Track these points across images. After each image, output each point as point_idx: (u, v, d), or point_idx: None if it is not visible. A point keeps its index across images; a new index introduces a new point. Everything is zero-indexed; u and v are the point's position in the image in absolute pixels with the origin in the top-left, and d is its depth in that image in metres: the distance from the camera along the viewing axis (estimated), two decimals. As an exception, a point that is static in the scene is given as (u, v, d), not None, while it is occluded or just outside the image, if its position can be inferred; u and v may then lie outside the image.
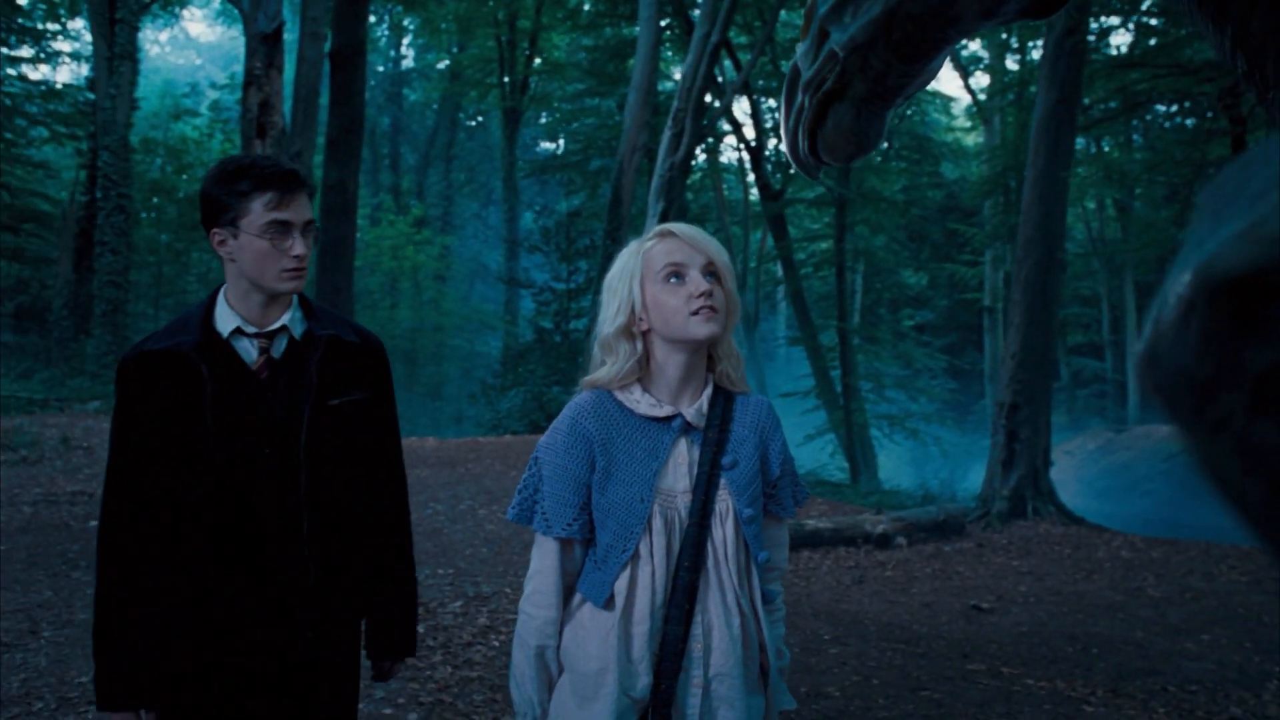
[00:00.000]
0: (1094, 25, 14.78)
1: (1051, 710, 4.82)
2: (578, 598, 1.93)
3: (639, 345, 1.94)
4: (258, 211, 2.04)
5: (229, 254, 2.09)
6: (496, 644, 5.24)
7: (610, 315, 1.95)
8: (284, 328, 2.15)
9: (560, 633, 1.94)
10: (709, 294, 1.87)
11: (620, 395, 1.95)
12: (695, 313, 1.87)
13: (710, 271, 1.91)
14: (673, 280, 1.90)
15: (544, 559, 1.93)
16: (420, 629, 4.96)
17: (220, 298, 2.16)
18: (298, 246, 2.09)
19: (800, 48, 1.67)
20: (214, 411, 2.03)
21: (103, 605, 2.05)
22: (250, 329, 2.12)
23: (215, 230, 2.10)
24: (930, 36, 1.48)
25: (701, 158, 24.38)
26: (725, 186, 29.24)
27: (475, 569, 7.13)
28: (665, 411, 1.92)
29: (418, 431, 20.16)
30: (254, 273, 2.08)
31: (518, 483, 2.01)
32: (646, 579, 1.85)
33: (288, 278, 2.10)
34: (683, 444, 1.93)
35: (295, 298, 2.20)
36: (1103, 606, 7.32)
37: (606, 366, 1.95)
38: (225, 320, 2.12)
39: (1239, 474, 0.52)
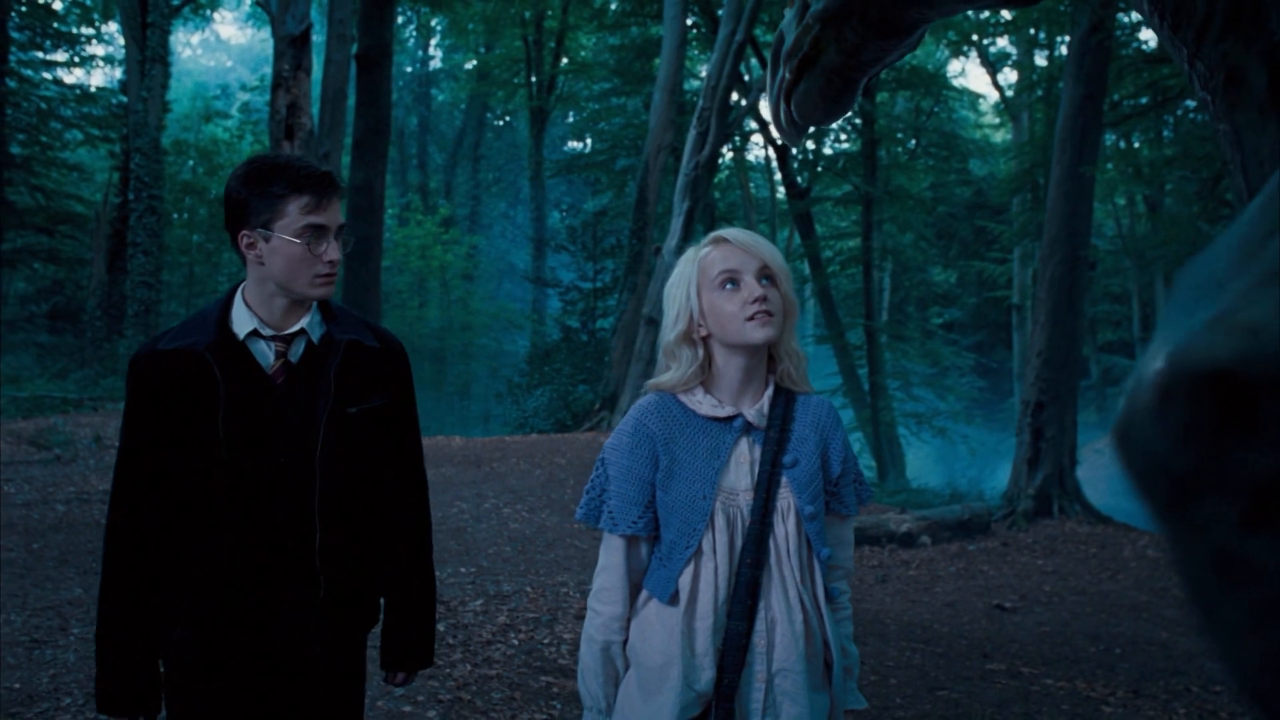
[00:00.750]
0: (1124, 20, 14.66)
1: (1070, 710, 4.81)
2: (644, 595, 1.98)
3: (700, 351, 1.99)
4: (293, 215, 1.97)
5: (258, 257, 2.01)
6: (516, 642, 5.29)
7: (670, 322, 2.01)
8: (302, 331, 2.08)
9: (628, 629, 1.99)
10: (763, 299, 1.91)
11: (683, 397, 2.01)
12: (751, 318, 1.91)
13: (766, 275, 1.95)
14: (728, 286, 1.94)
15: (610, 556, 1.99)
16: (440, 627, 5.02)
17: (238, 298, 2.09)
18: (332, 251, 2.02)
19: (788, 15, 1.69)
20: (227, 416, 1.97)
21: (105, 609, 2.01)
22: (267, 331, 2.05)
23: (244, 233, 2.01)
24: (906, 15, 1.52)
25: (728, 156, 24.33)
26: (752, 184, 29.16)
27: (497, 568, 7.18)
28: (727, 412, 1.97)
29: (445, 430, 20.28)
30: (285, 277, 2.01)
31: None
32: (710, 575, 1.90)
33: (320, 283, 2.04)
34: (744, 443, 1.98)
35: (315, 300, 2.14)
36: (1127, 606, 7.29)
37: (670, 372, 2.01)
38: (242, 321, 2.05)
39: (1216, 586, 0.50)
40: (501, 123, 41.15)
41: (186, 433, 1.98)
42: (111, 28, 25.67)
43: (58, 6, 23.31)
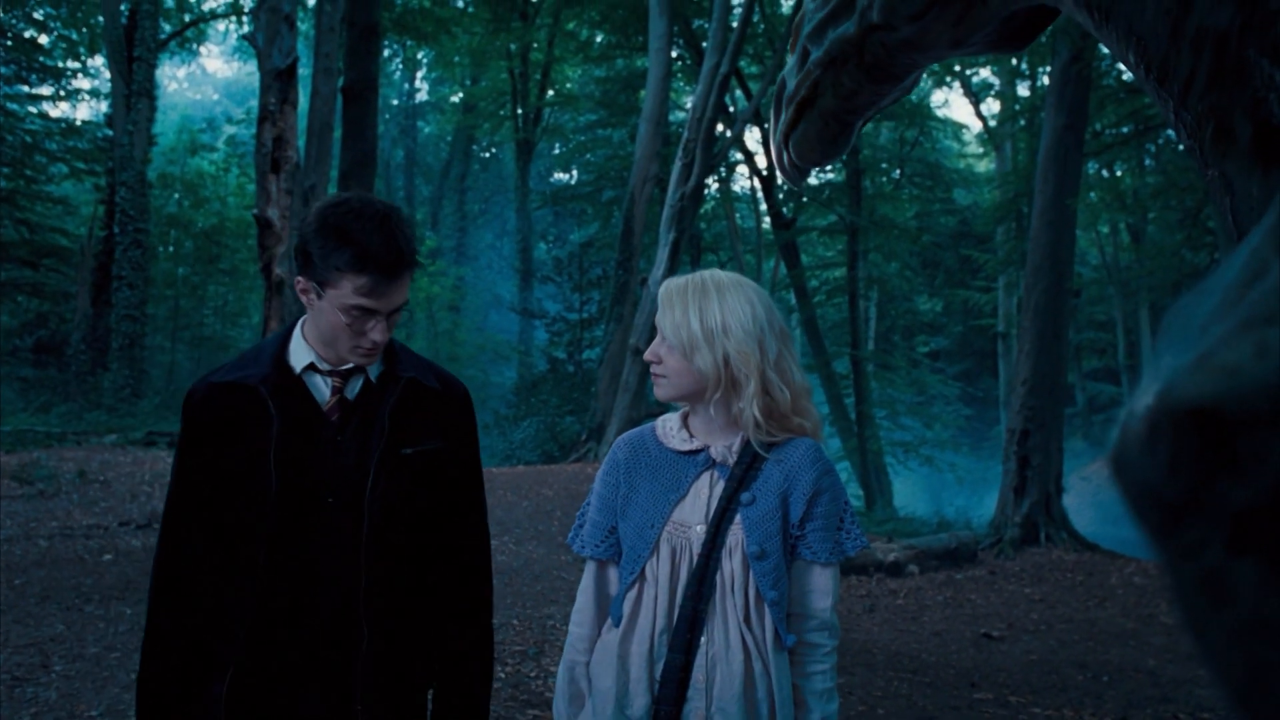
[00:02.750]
0: (1104, 50, 14.82)
1: (1058, 739, 4.80)
2: (608, 620, 2.02)
3: None
4: (346, 291, 1.85)
5: (310, 303, 1.94)
6: (502, 675, 5.26)
7: None
8: (360, 368, 2.00)
9: (593, 650, 2.03)
10: (655, 360, 1.98)
11: (660, 429, 2.06)
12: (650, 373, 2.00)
13: (663, 338, 1.99)
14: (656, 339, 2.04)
15: (586, 578, 2.07)
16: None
17: (298, 331, 2.02)
18: (377, 332, 1.91)
19: (789, 62, 1.74)
20: (279, 451, 1.89)
21: (150, 657, 1.93)
22: (324, 366, 1.98)
23: (300, 279, 1.92)
24: (900, 61, 1.57)
25: (714, 186, 24.47)
26: (738, 215, 29.31)
27: (485, 600, 7.14)
28: (694, 446, 2.00)
29: (432, 462, 20.16)
30: (326, 337, 1.94)
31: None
32: (650, 601, 1.92)
33: (360, 355, 1.95)
34: (706, 478, 1.99)
35: None
36: (1114, 634, 7.28)
37: None
38: (299, 355, 1.98)
39: (1206, 607, 0.53)
40: (488, 154, 41.35)
41: (238, 468, 1.91)
42: (97, 61, 25.73)
43: (43, 40, 23.36)
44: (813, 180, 26.18)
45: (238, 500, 1.90)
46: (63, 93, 24.31)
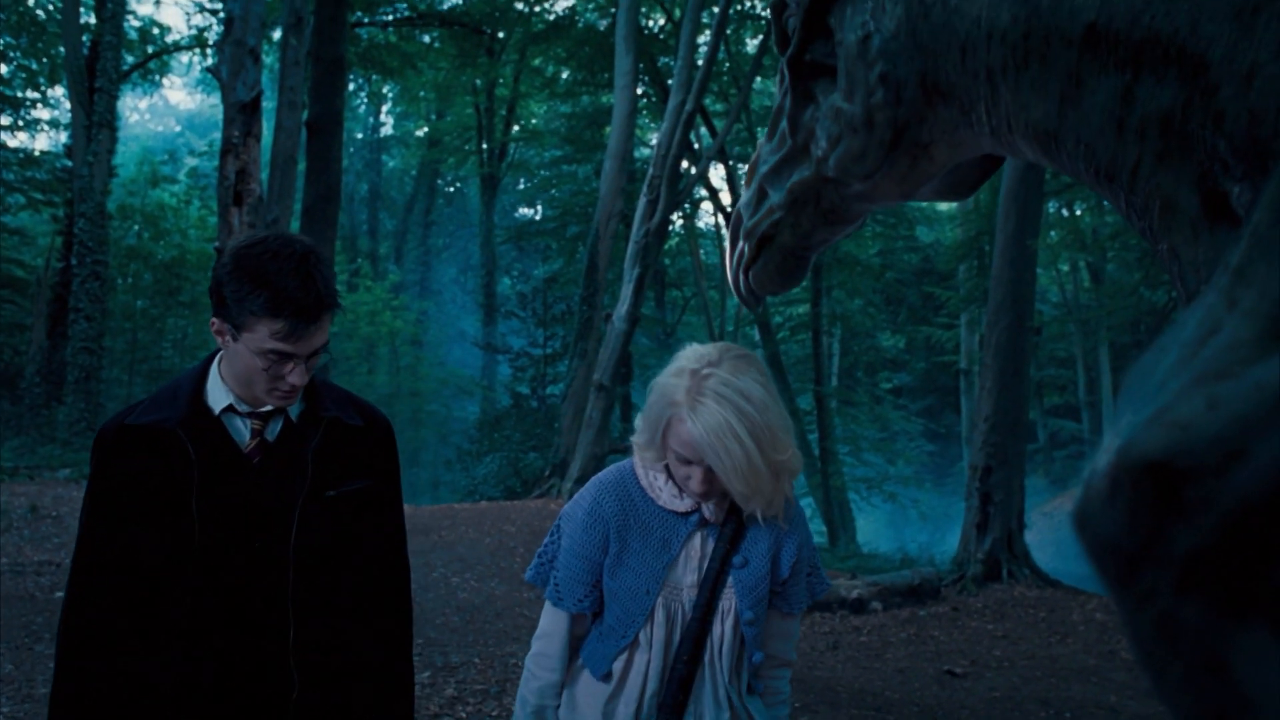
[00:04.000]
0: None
1: (1023, 778, 4.78)
2: (579, 662, 1.98)
3: None
4: (261, 335, 1.77)
5: (225, 344, 1.86)
6: (464, 715, 5.17)
7: (644, 422, 1.93)
8: (280, 408, 1.94)
9: (561, 695, 1.99)
10: (701, 484, 1.86)
11: (645, 481, 1.98)
12: (691, 490, 1.89)
13: (708, 468, 1.85)
14: (681, 465, 1.88)
15: (554, 624, 1.99)
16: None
17: (214, 370, 1.94)
18: (294, 377, 1.83)
19: (744, 195, 1.84)
20: (199, 497, 1.81)
21: (59, 706, 1.82)
22: (243, 407, 1.90)
23: (215, 320, 1.84)
24: (854, 209, 1.67)
25: (678, 223, 24.60)
26: (702, 251, 29.46)
27: (445, 638, 7.05)
28: (685, 506, 1.95)
29: (393, 497, 19.98)
30: (242, 380, 1.86)
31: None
32: (642, 665, 1.90)
33: (278, 397, 1.87)
34: (698, 538, 1.96)
35: None
36: (1076, 670, 7.29)
37: (643, 434, 1.96)
38: (218, 396, 1.90)
39: (1160, 649, 0.57)
40: (452, 189, 41.36)
41: (155, 516, 1.81)
42: (57, 92, 25.54)
43: (2, 70, 23.14)
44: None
45: (156, 550, 1.81)
46: (21, 123, 24.07)
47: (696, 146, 21.51)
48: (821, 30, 1.60)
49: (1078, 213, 26.19)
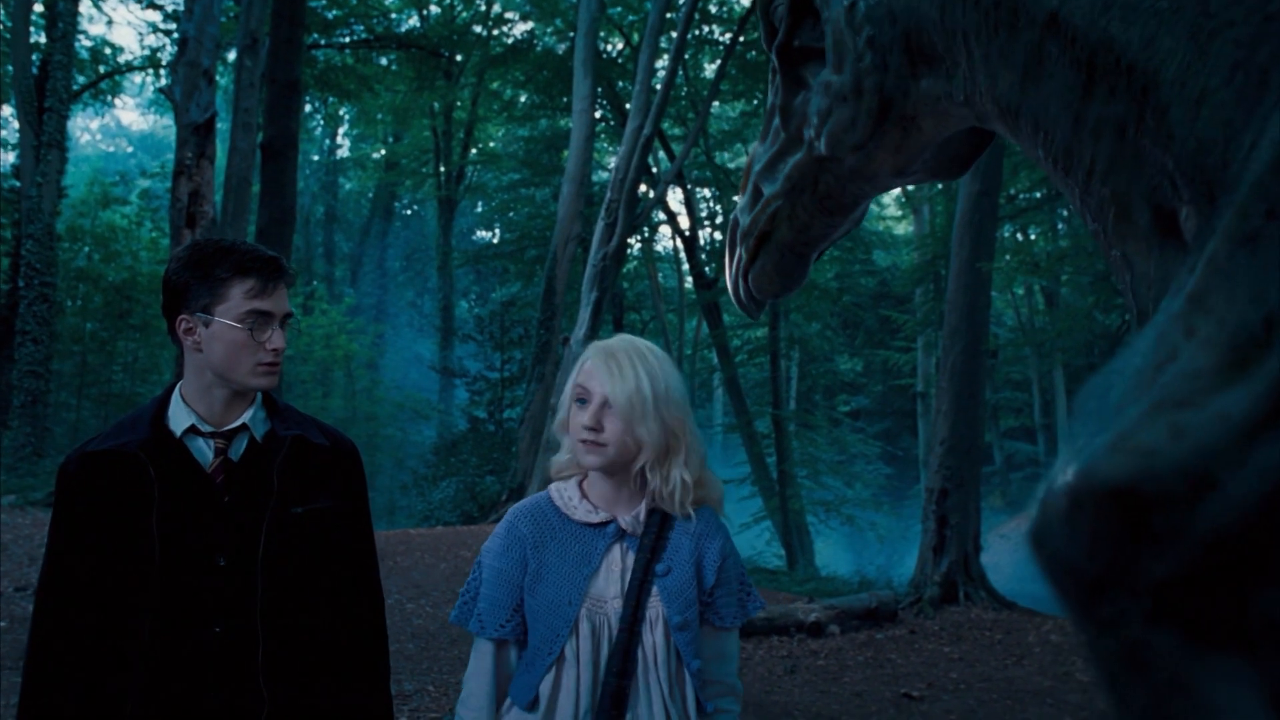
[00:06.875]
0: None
1: (980, 802, 4.77)
2: (507, 702, 1.92)
3: None
4: (237, 299, 1.87)
5: (196, 344, 1.90)
6: (416, 745, 5.09)
7: (558, 417, 1.97)
8: (244, 427, 1.96)
9: None
10: (594, 429, 1.87)
11: (559, 501, 1.96)
12: (582, 441, 1.88)
13: (606, 404, 1.88)
14: (578, 404, 1.91)
15: (480, 661, 1.93)
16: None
17: (175, 394, 1.96)
18: (276, 339, 1.92)
19: (740, 200, 1.83)
20: (162, 518, 1.82)
21: None
22: (206, 428, 1.92)
23: (183, 317, 1.90)
24: (850, 191, 1.69)
25: (636, 246, 24.64)
26: (660, 275, 29.57)
27: (399, 666, 6.94)
28: (600, 518, 1.93)
29: (348, 523, 19.76)
30: (225, 365, 1.89)
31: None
32: (571, 683, 1.84)
33: (262, 372, 1.92)
34: (617, 550, 1.93)
35: (259, 394, 2.01)
36: (1031, 692, 7.31)
37: (562, 452, 1.98)
38: (179, 418, 1.92)
39: (1126, 674, 0.57)
40: (409, 212, 41.25)
41: (119, 539, 1.82)
42: (6, 111, 25.17)
43: (-50, 90, 22.78)
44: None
45: (120, 574, 1.82)
46: (-32, 143, 23.70)
47: (655, 170, 21.59)
48: (808, 12, 1.67)
49: (1032, 237, 26.58)
